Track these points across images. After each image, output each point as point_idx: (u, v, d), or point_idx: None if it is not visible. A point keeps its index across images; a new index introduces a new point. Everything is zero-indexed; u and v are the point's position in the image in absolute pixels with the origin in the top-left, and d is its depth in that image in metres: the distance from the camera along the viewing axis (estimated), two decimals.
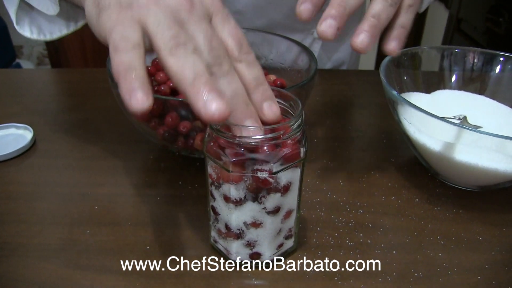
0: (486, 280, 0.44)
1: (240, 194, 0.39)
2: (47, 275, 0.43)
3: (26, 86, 0.80)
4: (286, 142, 0.38)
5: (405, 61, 0.64)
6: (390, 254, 0.46)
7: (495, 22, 1.58)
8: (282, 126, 0.38)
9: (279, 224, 0.42)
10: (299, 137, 0.39)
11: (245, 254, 0.43)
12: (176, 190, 0.55)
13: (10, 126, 0.65)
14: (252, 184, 0.39)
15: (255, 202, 0.40)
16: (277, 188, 0.39)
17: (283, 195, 0.40)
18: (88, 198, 0.53)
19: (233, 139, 0.37)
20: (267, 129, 0.37)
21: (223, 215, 0.42)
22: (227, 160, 0.37)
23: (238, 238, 0.42)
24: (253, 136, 0.37)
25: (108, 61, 0.57)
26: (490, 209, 0.54)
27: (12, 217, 0.50)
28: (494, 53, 0.65)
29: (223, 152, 0.38)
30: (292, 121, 0.38)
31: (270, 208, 0.40)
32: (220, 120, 0.33)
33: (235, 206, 0.40)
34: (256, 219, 0.41)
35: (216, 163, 0.39)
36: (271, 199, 0.40)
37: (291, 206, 0.42)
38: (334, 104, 0.77)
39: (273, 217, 0.41)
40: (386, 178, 0.58)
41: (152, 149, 0.63)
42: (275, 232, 0.43)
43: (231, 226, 0.42)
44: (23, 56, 2.75)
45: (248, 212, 0.40)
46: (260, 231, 0.42)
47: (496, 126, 0.59)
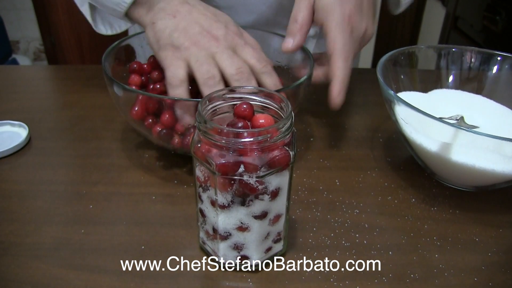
0: (483, 281, 0.44)
1: (227, 198, 0.39)
2: (41, 275, 0.43)
3: (22, 83, 0.80)
4: (274, 146, 0.37)
5: (402, 60, 0.64)
6: (386, 255, 0.46)
7: (492, 20, 1.58)
8: (270, 129, 0.37)
9: (266, 228, 0.42)
10: (288, 140, 0.39)
11: (233, 257, 0.43)
12: (171, 189, 0.55)
13: (5, 123, 0.65)
14: (239, 190, 0.38)
15: (243, 206, 0.39)
16: (265, 192, 0.39)
17: (272, 200, 0.40)
18: (83, 197, 0.53)
19: (220, 141, 0.36)
20: (255, 131, 0.36)
21: (210, 217, 0.42)
22: (214, 163, 0.37)
23: (225, 240, 0.42)
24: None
25: (105, 59, 0.57)
26: (486, 209, 0.53)
27: (5, 215, 0.50)
28: (492, 52, 0.64)
29: (210, 155, 0.37)
30: (281, 124, 0.37)
31: (257, 212, 0.40)
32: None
33: (221, 209, 0.40)
34: (243, 223, 0.40)
35: (203, 165, 0.39)
36: (259, 203, 0.39)
37: (280, 211, 0.42)
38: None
39: (260, 221, 0.40)
40: (382, 178, 0.58)
41: (147, 147, 0.62)
42: (263, 236, 0.42)
43: (218, 229, 0.41)
44: (19, 52, 2.74)
45: (235, 216, 0.40)
46: (247, 235, 0.41)
47: (493, 126, 0.58)
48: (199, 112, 0.38)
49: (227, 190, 0.38)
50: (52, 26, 2.11)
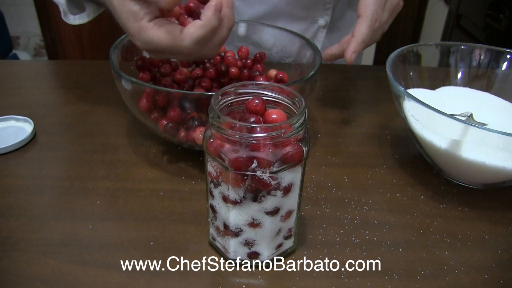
0: (494, 279, 0.44)
1: (239, 194, 0.38)
2: (49, 270, 0.42)
3: (26, 78, 0.79)
4: (287, 141, 0.37)
5: (411, 57, 0.63)
6: (396, 252, 0.46)
7: (495, 18, 1.57)
8: (284, 124, 0.36)
9: (278, 224, 0.41)
10: (301, 136, 0.38)
11: (243, 253, 0.43)
12: (179, 184, 0.54)
13: (10, 118, 0.64)
14: (251, 185, 0.38)
15: (255, 202, 0.39)
16: (278, 188, 0.38)
17: (284, 196, 0.39)
18: (90, 193, 0.52)
19: (233, 136, 0.36)
20: (268, 127, 0.36)
21: (221, 213, 0.41)
22: (227, 158, 0.36)
23: (236, 236, 0.42)
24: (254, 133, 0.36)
25: (112, 53, 0.56)
26: (495, 207, 0.53)
27: (12, 211, 0.49)
28: (501, 50, 0.64)
29: (223, 150, 0.37)
30: (294, 120, 0.37)
31: (270, 208, 0.39)
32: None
33: (233, 205, 0.39)
34: (255, 219, 0.40)
35: (215, 160, 0.38)
36: (271, 199, 0.39)
37: (292, 207, 0.41)
38: (336, 99, 0.76)
39: (272, 217, 0.40)
40: (390, 175, 0.58)
41: (154, 143, 0.62)
42: (274, 232, 0.42)
43: (229, 224, 0.41)
44: (19, 47, 2.73)
45: (247, 212, 0.40)
46: (259, 231, 0.41)
47: (502, 124, 0.58)
48: (212, 107, 0.38)
49: (240, 186, 0.38)
50: (53, 21, 2.10)
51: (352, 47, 0.59)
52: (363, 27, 0.59)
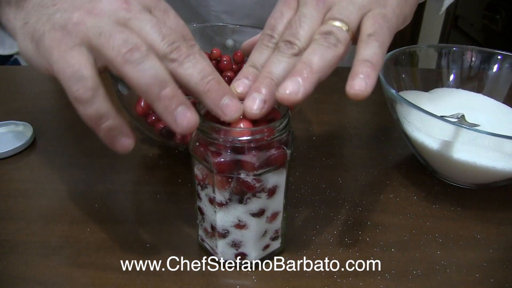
0: (484, 277, 0.44)
1: (225, 196, 0.39)
2: (48, 272, 0.43)
3: (25, 83, 0.80)
4: (271, 144, 0.38)
5: (403, 59, 0.64)
6: (388, 252, 0.47)
7: (492, 19, 1.58)
8: (267, 127, 0.37)
9: (264, 226, 0.42)
10: (285, 139, 0.39)
11: (231, 254, 0.43)
12: (175, 187, 0.55)
13: (10, 123, 0.65)
14: (236, 188, 0.38)
15: (241, 204, 0.40)
16: (262, 190, 0.39)
17: (269, 198, 0.40)
18: (88, 196, 0.53)
19: (218, 140, 0.37)
20: (251, 130, 0.37)
21: (208, 215, 0.42)
22: (212, 161, 0.37)
23: (224, 237, 0.42)
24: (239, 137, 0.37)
25: None
26: (487, 207, 0.54)
27: (11, 214, 0.50)
28: (492, 51, 0.65)
29: (208, 153, 0.38)
30: (278, 123, 0.38)
31: (255, 210, 0.40)
32: (192, 130, 0.35)
33: (219, 207, 0.40)
34: (241, 221, 0.41)
35: (201, 163, 0.39)
36: (256, 201, 0.40)
37: (277, 209, 0.42)
38: (331, 101, 0.77)
39: (257, 219, 0.41)
40: (384, 176, 0.58)
41: (151, 146, 0.63)
42: (260, 234, 0.42)
43: (217, 226, 0.42)
44: None
45: (233, 214, 0.40)
46: (245, 232, 0.42)
47: (494, 124, 0.59)
48: (197, 111, 0.39)
49: (225, 188, 0.39)
50: None
51: (361, 74, 0.38)
52: (373, 46, 0.40)
